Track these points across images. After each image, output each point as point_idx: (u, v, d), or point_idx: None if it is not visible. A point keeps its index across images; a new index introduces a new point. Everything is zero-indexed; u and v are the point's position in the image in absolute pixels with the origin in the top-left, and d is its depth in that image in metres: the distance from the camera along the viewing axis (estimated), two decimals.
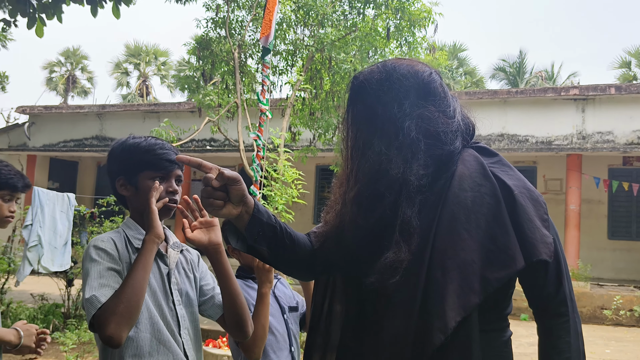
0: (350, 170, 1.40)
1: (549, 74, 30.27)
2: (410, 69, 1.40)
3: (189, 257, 1.91)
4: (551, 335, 1.37)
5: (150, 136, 1.86)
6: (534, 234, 1.29)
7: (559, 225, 12.07)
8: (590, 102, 11.18)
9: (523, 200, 1.31)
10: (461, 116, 1.43)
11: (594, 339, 8.73)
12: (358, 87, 1.41)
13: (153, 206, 1.69)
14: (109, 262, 1.65)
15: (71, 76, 35.35)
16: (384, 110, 1.36)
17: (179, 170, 1.82)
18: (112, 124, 14.91)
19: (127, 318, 1.54)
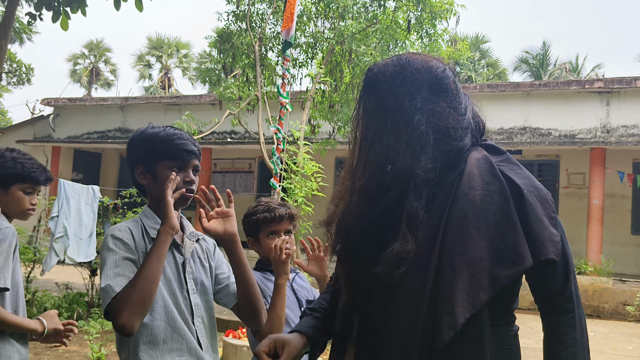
0: (358, 161, 1.42)
1: (573, 66, 29.79)
2: (424, 64, 1.41)
3: (204, 246, 1.95)
4: (557, 331, 1.40)
5: (170, 126, 1.90)
6: (542, 233, 1.31)
7: (582, 219, 11.93)
8: (615, 95, 10.99)
9: (532, 198, 1.33)
10: (472, 114, 1.44)
11: (615, 335, 8.64)
12: (372, 79, 1.43)
13: (169, 197, 1.71)
14: (125, 252, 1.69)
15: (95, 68, 35.79)
16: (396, 102, 1.38)
17: (196, 161, 1.85)
18: (134, 116, 15.08)
19: (139, 308, 1.58)
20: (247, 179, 15.08)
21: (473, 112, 1.46)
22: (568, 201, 12.85)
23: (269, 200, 2.45)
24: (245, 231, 2.42)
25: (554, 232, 1.32)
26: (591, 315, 10.37)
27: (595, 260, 10.82)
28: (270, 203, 2.40)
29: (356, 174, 1.41)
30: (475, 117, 1.47)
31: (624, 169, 11.71)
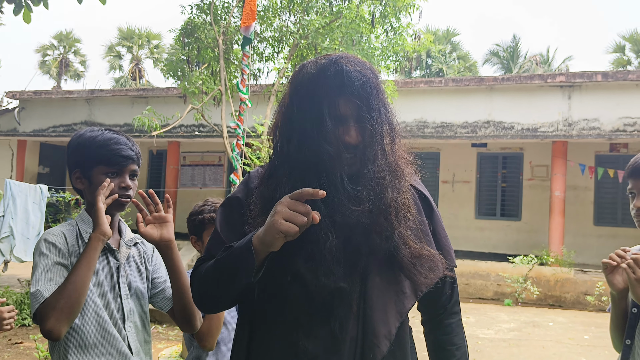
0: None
1: (543, 58, 30.18)
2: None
3: (142, 250, 1.96)
4: (450, 333, 1.51)
5: (108, 129, 1.90)
6: (448, 244, 1.44)
7: (545, 211, 12.15)
8: (577, 88, 11.19)
9: (435, 208, 1.44)
10: None
11: (574, 324, 8.85)
12: (367, 76, 1.43)
13: (100, 204, 1.72)
14: (57, 257, 1.70)
15: (64, 59, 35.15)
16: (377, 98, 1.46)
17: (134, 165, 1.86)
18: (101, 109, 14.88)
19: (67, 314, 1.60)
20: (216, 172, 15.01)
21: None
22: (532, 193, 13.08)
23: (215, 201, 2.45)
24: (189, 229, 2.43)
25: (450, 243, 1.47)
26: (553, 305, 10.61)
27: (557, 251, 11.05)
28: (217, 204, 2.41)
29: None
30: None
31: (586, 161, 11.96)
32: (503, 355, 6.68)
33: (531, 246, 12.14)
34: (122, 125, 14.40)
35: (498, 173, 13.49)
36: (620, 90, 10.95)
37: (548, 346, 7.28)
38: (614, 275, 1.90)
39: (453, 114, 11.81)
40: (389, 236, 1.33)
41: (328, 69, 1.34)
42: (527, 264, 10.59)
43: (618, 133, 10.91)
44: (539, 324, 8.74)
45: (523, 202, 13.15)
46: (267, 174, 1.42)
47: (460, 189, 13.67)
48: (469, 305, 10.35)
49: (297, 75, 1.41)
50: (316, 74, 1.35)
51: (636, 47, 26.24)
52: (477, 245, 13.22)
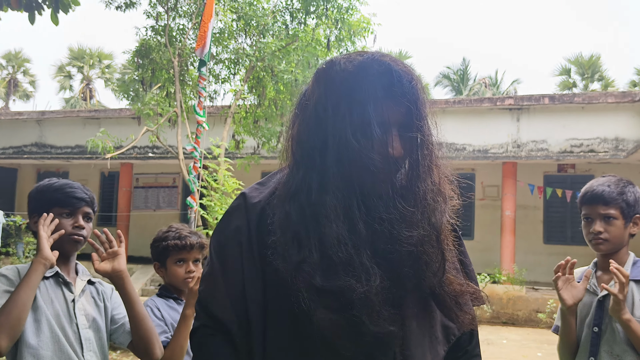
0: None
1: (492, 81, 31.16)
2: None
3: (100, 289, 2.11)
4: None
5: (64, 180, 2.10)
6: (475, 276, 1.25)
7: (496, 230, 12.46)
8: (525, 111, 11.60)
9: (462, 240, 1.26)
10: None
11: (527, 342, 9.05)
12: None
13: (42, 232, 1.87)
14: (6, 286, 1.84)
15: (13, 80, 34.21)
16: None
17: (87, 208, 2.03)
18: (52, 130, 14.50)
19: (7, 329, 1.72)
20: (170, 194, 14.79)
21: None
22: (483, 213, 13.40)
23: (180, 227, 2.45)
24: (152, 255, 2.41)
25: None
26: (506, 323, 10.83)
27: (508, 269, 11.32)
28: (182, 230, 2.41)
29: None
30: None
31: (535, 181, 12.35)
32: None
33: (484, 264, 12.40)
34: (74, 147, 14.07)
35: None
36: (566, 113, 11.40)
37: None
38: (564, 291, 2.01)
39: None
40: (438, 269, 1.14)
41: (371, 66, 1.13)
42: (480, 282, 10.80)
43: (565, 154, 11.33)
44: (493, 342, 8.89)
45: (475, 222, 13.46)
46: (290, 191, 1.16)
47: None
48: None
49: (329, 72, 1.17)
50: (356, 72, 1.13)
51: (581, 70, 27.41)
52: None
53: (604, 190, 2.05)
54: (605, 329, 2.02)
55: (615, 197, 2.04)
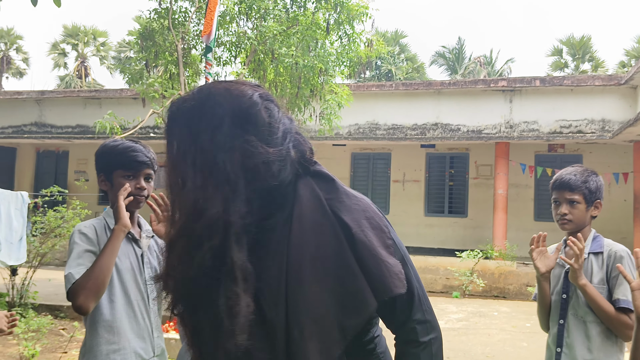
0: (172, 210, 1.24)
1: (487, 60, 31.38)
2: (227, 95, 1.25)
3: (160, 243, 2.30)
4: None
5: (129, 139, 2.25)
6: (381, 270, 1.19)
7: (489, 208, 12.87)
8: (517, 93, 11.93)
9: (363, 235, 1.21)
10: (294, 141, 1.28)
11: (517, 314, 9.52)
12: (172, 117, 1.27)
13: (120, 202, 2.08)
14: (87, 245, 2.05)
15: (5, 57, 33.99)
16: (196, 143, 1.21)
17: (148, 170, 2.19)
18: (52, 110, 14.69)
19: (94, 292, 1.93)
20: None
21: (296, 138, 1.29)
22: (477, 191, 13.82)
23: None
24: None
25: (393, 263, 1.21)
26: (497, 296, 11.31)
27: (500, 246, 11.76)
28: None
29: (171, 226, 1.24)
30: (299, 144, 1.29)
31: (527, 161, 12.75)
32: (453, 344, 7.20)
33: (477, 241, 12.84)
34: (75, 127, 14.28)
35: (446, 172, 14.19)
36: (556, 95, 11.75)
37: (493, 334, 7.87)
38: (539, 261, 2.46)
39: (403, 116, 12.36)
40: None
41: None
42: (473, 258, 11.24)
43: (555, 135, 11.71)
44: (485, 314, 9.35)
45: (469, 200, 13.88)
46: None
47: (411, 188, 14.28)
48: None
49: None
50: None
51: (572, 50, 27.71)
52: (426, 241, 13.86)
53: (570, 179, 2.43)
54: (571, 296, 2.42)
55: (579, 185, 2.41)
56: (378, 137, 12.48)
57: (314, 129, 11.90)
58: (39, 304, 8.02)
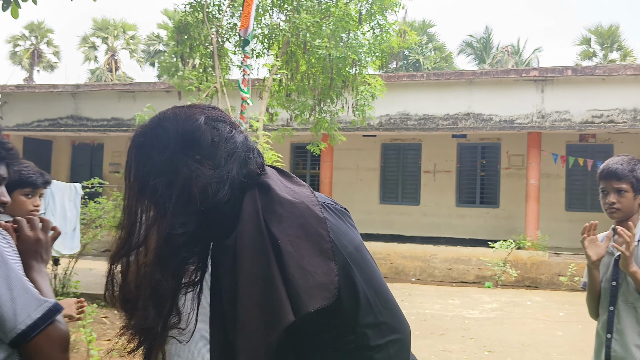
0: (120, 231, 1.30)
1: (514, 49, 31.03)
2: (174, 119, 1.29)
3: None
4: None
5: None
6: (306, 281, 1.17)
7: (521, 198, 12.84)
8: (549, 83, 11.84)
9: (290, 246, 1.19)
10: (240, 160, 1.29)
11: (550, 303, 9.53)
12: (130, 144, 1.31)
13: None
14: None
15: (36, 50, 34.68)
16: (137, 168, 1.28)
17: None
18: (87, 103, 15.02)
19: None
20: None
21: (243, 157, 1.29)
22: (509, 181, 13.79)
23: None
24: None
25: (324, 271, 1.19)
26: (530, 286, 11.31)
27: (532, 236, 11.74)
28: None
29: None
30: (246, 163, 1.30)
31: (558, 151, 12.67)
32: (488, 333, 7.27)
33: (508, 231, 12.82)
34: (110, 120, 14.61)
35: (477, 162, 14.17)
36: (588, 84, 11.64)
37: (528, 323, 7.92)
38: (590, 249, 2.49)
39: (435, 106, 12.37)
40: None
41: None
42: (506, 248, 11.26)
43: (587, 124, 11.61)
44: (519, 304, 9.39)
45: (501, 190, 13.85)
46: None
47: (442, 179, 14.29)
48: (452, 288, 10.98)
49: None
50: None
51: (600, 39, 27.32)
52: (458, 232, 13.89)
53: (617, 168, 2.48)
54: (621, 283, 2.48)
55: (626, 174, 2.46)
56: (409, 128, 12.52)
57: (345, 120, 12.00)
58: (80, 293, 8.29)
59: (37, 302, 1.32)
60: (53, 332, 1.31)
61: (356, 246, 1.26)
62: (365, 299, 1.22)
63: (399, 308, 1.29)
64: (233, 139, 1.29)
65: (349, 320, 1.22)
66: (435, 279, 11.92)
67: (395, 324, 1.25)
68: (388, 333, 1.23)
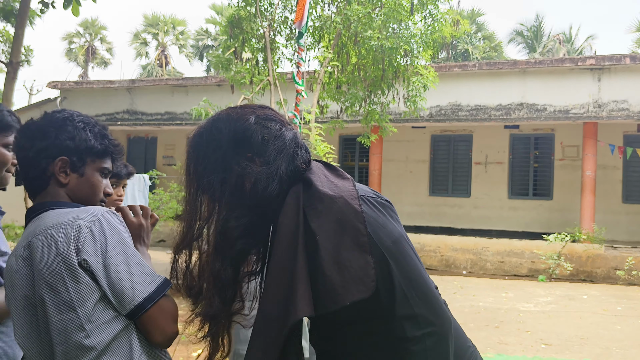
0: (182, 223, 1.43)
1: (566, 37, 30.12)
2: (227, 120, 1.38)
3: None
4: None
5: None
6: (342, 276, 1.21)
7: (576, 190, 12.54)
8: (606, 71, 11.49)
9: (328, 241, 1.24)
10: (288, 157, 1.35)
11: (607, 297, 9.31)
12: (188, 142, 1.42)
13: None
14: None
15: (90, 47, 35.77)
16: (196, 166, 1.38)
17: None
18: (142, 98, 15.45)
19: None
20: None
21: (291, 153, 1.35)
22: (563, 173, 13.47)
23: None
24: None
25: (361, 265, 1.22)
26: (585, 280, 11.06)
27: (588, 229, 11.47)
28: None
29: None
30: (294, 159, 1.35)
31: (615, 141, 12.30)
32: (545, 326, 7.18)
33: (562, 224, 12.55)
34: (163, 114, 15.00)
35: (530, 154, 13.89)
36: None
37: (585, 317, 7.77)
38: None
39: (487, 97, 12.19)
40: None
41: None
42: (561, 241, 11.03)
43: None
44: (574, 298, 9.21)
45: (554, 182, 13.56)
46: None
47: (493, 170, 14.09)
48: (504, 281, 10.86)
49: None
50: None
51: None
52: (510, 224, 13.68)
53: None
54: None
55: None
56: (460, 119, 12.39)
57: (395, 112, 11.97)
58: None
59: (151, 277, 1.42)
60: (165, 304, 1.41)
61: (395, 239, 1.29)
62: (401, 292, 1.25)
63: (439, 302, 1.31)
64: (282, 137, 1.36)
65: (385, 311, 1.25)
66: (487, 272, 11.80)
67: (432, 316, 1.26)
68: (425, 325, 1.25)
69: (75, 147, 1.54)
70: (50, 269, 1.36)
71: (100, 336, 1.36)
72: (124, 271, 1.38)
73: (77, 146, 1.55)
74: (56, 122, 1.58)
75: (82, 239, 1.36)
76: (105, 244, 1.37)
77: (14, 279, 1.45)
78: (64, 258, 1.35)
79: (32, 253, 1.41)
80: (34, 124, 1.61)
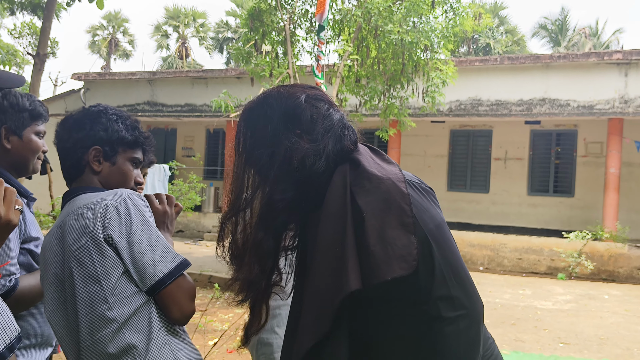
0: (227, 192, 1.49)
1: (592, 31, 29.59)
2: (279, 97, 1.42)
3: None
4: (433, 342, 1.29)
5: None
6: (386, 253, 1.23)
7: (599, 187, 12.32)
8: (634, 66, 11.24)
9: (374, 218, 1.26)
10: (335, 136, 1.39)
11: (629, 297, 9.15)
12: (240, 117, 1.47)
13: None
14: None
15: (113, 39, 36.13)
16: (245, 140, 1.42)
17: None
18: (163, 90, 15.55)
19: None
20: None
21: (339, 133, 1.40)
22: (585, 170, 13.24)
23: None
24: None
25: (404, 244, 1.24)
26: (606, 280, 10.88)
27: (611, 227, 11.27)
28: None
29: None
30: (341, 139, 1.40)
31: None
32: (563, 324, 7.08)
33: (584, 222, 12.36)
34: (183, 105, 15.07)
35: (551, 150, 13.67)
36: None
37: (605, 316, 7.64)
38: None
39: (508, 91, 12.02)
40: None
41: None
42: (582, 239, 10.86)
43: None
44: (595, 297, 9.07)
45: (576, 179, 13.34)
46: None
47: (513, 166, 13.91)
48: (523, 279, 10.73)
49: None
50: None
51: None
52: (529, 221, 13.51)
53: None
54: None
55: None
56: (480, 114, 12.23)
57: (414, 106, 11.87)
58: None
59: (172, 255, 1.50)
60: (183, 282, 1.49)
61: (437, 224, 1.32)
62: (440, 273, 1.27)
63: (474, 287, 1.34)
64: (330, 117, 1.40)
65: (423, 291, 1.27)
66: (505, 269, 11.68)
67: (466, 301, 1.29)
68: (459, 307, 1.28)
69: (107, 138, 1.65)
70: (78, 244, 1.47)
71: (122, 309, 1.44)
72: (147, 248, 1.46)
73: (110, 137, 1.66)
74: (91, 115, 1.68)
75: (108, 216, 1.46)
76: (130, 222, 1.47)
77: (47, 258, 1.56)
78: (91, 233, 1.46)
79: (63, 232, 1.52)
80: (72, 117, 1.71)
